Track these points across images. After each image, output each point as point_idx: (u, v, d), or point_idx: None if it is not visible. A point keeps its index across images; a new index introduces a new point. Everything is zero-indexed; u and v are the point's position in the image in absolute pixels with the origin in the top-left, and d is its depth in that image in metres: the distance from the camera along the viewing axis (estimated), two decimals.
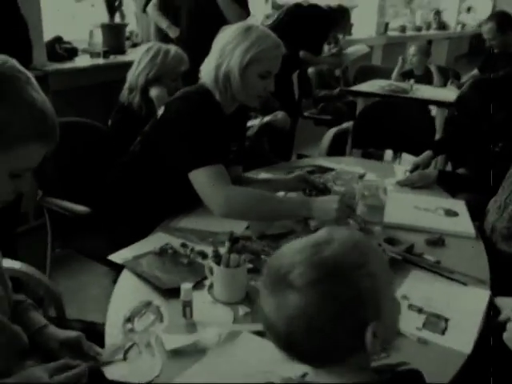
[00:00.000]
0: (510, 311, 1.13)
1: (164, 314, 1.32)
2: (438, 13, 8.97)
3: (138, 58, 2.40)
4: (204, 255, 1.59)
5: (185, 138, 1.72)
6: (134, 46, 3.70)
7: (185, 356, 1.17)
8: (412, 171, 2.41)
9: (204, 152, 1.70)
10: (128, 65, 2.87)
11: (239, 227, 1.78)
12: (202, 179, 1.70)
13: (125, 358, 1.16)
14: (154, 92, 2.34)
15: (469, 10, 10.51)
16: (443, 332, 1.30)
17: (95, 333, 1.28)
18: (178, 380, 1.10)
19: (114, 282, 2.56)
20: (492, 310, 1.32)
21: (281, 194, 2.00)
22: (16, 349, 1.09)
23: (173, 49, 2.41)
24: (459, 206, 2.07)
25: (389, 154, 4.20)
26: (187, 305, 1.27)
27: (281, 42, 1.75)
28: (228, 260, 1.35)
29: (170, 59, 2.38)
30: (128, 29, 3.62)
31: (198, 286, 1.43)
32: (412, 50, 4.40)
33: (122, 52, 3.43)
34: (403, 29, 7.78)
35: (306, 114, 4.28)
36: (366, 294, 0.75)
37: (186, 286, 1.27)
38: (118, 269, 2.61)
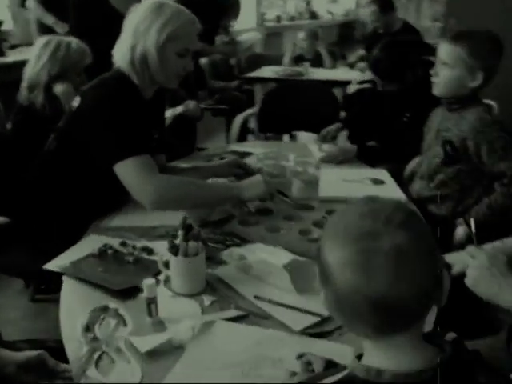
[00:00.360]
0: (461, 263, 1.18)
1: (125, 316, 1.21)
2: (308, 3, 9.30)
3: (36, 54, 2.18)
4: (149, 251, 1.50)
5: (106, 129, 1.60)
6: (14, 47, 3.40)
7: (162, 356, 1.08)
8: (322, 141, 2.48)
9: (128, 142, 1.59)
10: (9, 67, 2.63)
11: (175, 218, 1.69)
12: (128, 171, 1.58)
13: (96, 368, 1.04)
14: (59, 88, 2.15)
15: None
16: None
17: (49, 351, 1.15)
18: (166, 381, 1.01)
19: (33, 300, 2.37)
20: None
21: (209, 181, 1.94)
22: None
23: (74, 41, 2.22)
24: (383, 174, 2.14)
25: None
26: (152, 301, 1.17)
27: (196, 18, 1.68)
28: (186, 249, 1.27)
29: (72, 53, 2.20)
30: (3, 28, 3.32)
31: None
32: (301, 35, 4.51)
33: (1, 54, 3.14)
34: (279, 19, 7.98)
35: (202, 105, 4.21)
36: None
37: (148, 282, 1.17)
38: (39, 284, 2.40)
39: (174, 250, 1.28)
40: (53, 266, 1.43)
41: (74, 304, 1.29)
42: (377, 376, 0.71)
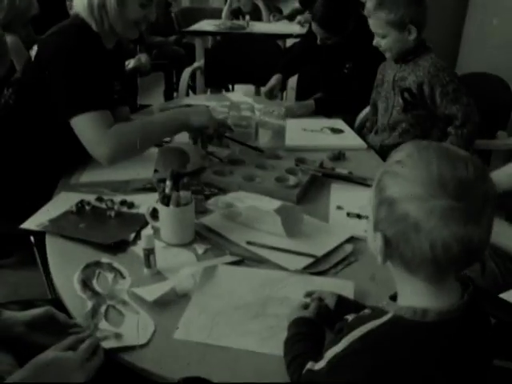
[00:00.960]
0: None
1: (121, 269, 1.20)
2: None
3: None
4: (129, 204, 1.47)
5: (64, 80, 1.52)
6: None
7: (168, 305, 1.08)
8: (268, 93, 2.50)
9: (85, 96, 1.53)
10: None
11: (147, 172, 1.67)
12: (83, 127, 1.53)
13: (106, 321, 1.03)
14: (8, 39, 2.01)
15: None
16: None
17: None
18: (180, 326, 1.02)
19: None
20: None
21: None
22: None
23: None
24: (339, 124, 2.19)
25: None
26: (150, 252, 1.16)
27: None
28: (178, 198, 1.26)
29: (18, 2, 2.05)
30: None
31: (139, 236, 1.32)
32: None
33: None
34: None
35: None
36: None
37: (147, 233, 1.16)
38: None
39: (166, 200, 1.27)
40: (30, 224, 1.38)
41: (63, 262, 1.25)
42: (423, 316, 0.73)
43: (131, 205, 1.47)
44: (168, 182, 1.30)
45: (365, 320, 0.78)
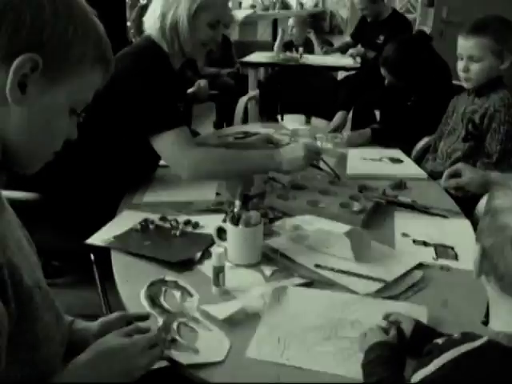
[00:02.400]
0: None
1: (187, 287, 1.19)
2: None
3: None
4: (194, 224, 1.47)
5: (142, 101, 1.58)
6: None
7: (239, 324, 1.06)
8: (333, 132, 2.49)
9: (165, 115, 1.59)
10: None
11: (210, 193, 1.68)
12: (165, 145, 1.60)
13: (179, 337, 1.02)
14: None
15: None
16: (456, 258, 1.35)
17: None
18: (251, 344, 1.00)
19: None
20: None
21: None
22: None
23: None
24: (398, 154, 2.17)
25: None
26: (220, 270, 1.15)
27: None
28: (248, 218, 1.25)
29: None
30: None
31: (205, 255, 1.31)
32: (291, 21, 4.51)
33: None
34: (253, 7, 7.96)
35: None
36: None
37: (218, 250, 1.15)
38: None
39: (235, 219, 1.26)
40: (96, 240, 1.39)
41: (129, 279, 1.25)
42: None
43: (196, 225, 1.47)
44: (237, 202, 1.30)
45: (457, 343, 0.75)
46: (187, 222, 1.48)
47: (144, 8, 2.35)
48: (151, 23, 1.64)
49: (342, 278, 1.22)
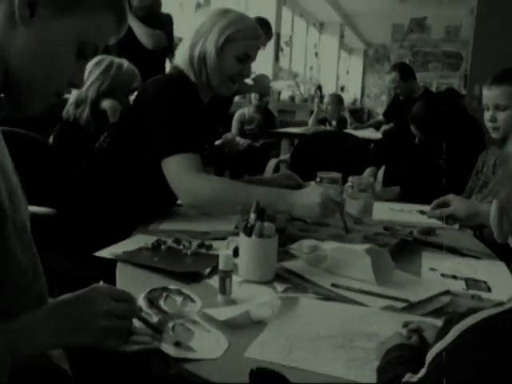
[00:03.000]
0: None
1: (191, 295, 1.10)
2: (319, 87, 9.64)
3: (87, 71, 2.20)
4: (207, 247, 1.40)
5: (158, 123, 1.57)
6: None
7: (242, 329, 0.96)
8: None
9: (177, 139, 1.55)
10: None
11: (229, 226, 1.61)
12: (170, 167, 1.55)
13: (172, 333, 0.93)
14: (107, 103, 2.15)
15: (342, 89, 11.43)
16: (489, 290, 1.23)
17: None
18: (253, 345, 0.89)
19: None
20: None
21: None
22: None
23: (125, 63, 2.25)
24: (427, 208, 2.08)
25: None
26: (227, 276, 1.07)
27: (258, 27, 1.69)
28: (261, 229, 1.18)
29: (123, 73, 2.21)
30: None
31: (215, 271, 1.23)
32: (327, 99, 4.63)
33: None
34: (292, 99, 8.25)
35: None
36: None
37: (226, 253, 1.07)
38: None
39: (248, 230, 1.19)
40: (105, 253, 1.33)
41: (131, 286, 1.16)
42: None
43: (209, 247, 1.40)
44: (252, 215, 1.23)
45: (479, 310, 0.64)
46: (201, 245, 1.41)
47: None
48: (181, 54, 1.67)
49: (360, 297, 1.11)
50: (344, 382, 0.81)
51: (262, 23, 3.92)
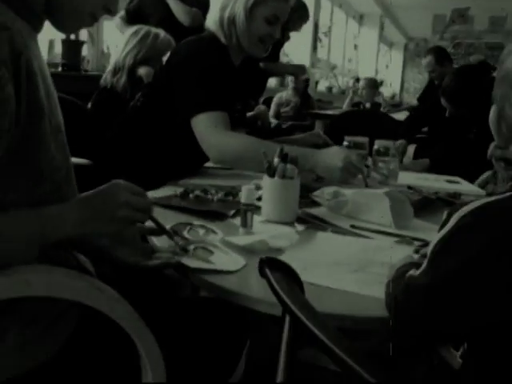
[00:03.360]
0: None
1: (213, 228, 1.15)
2: (357, 80, 9.59)
3: (125, 40, 2.29)
4: (233, 194, 1.44)
5: (190, 82, 1.62)
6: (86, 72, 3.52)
7: (259, 255, 1.00)
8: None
9: (206, 97, 1.60)
10: (87, 78, 2.74)
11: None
12: (199, 125, 1.60)
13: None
14: (143, 70, 2.22)
15: (381, 83, 11.32)
16: None
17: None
18: None
19: None
20: None
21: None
22: None
23: (162, 33, 2.32)
24: (455, 179, 2.08)
25: None
26: (249, 208, 1.11)
27: None
28: (284, 170, 1.22)
29: (159, 42, 2.29)
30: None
31: (239, 213, 1.27)
32: (362, 83, 4.62)
33: (78, 70, 3.28)
34: (330, 89, 8.23)
35: None
36: None
37: (248, 186, 1.12)
38: None
39: (271, 171, 1.23)
40: None
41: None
42: None
43: (236, 195, 1.44)
44: (276, 159, 1.27)
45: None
46: (228, 194, 1.45)
47: None
48: (212, 17, 1.72)
49: (378, 236, 1.14)
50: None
51: (299, 4, 3.95)
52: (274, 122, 4.25)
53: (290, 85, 4.47)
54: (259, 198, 1.27)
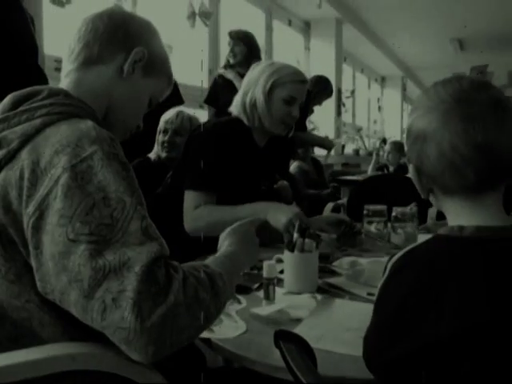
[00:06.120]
0: None
1: (240, 298, 1.25)
2: (384, 141, 9.72)
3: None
4: (258, 268, 1.54)
5: (197, 158, 1.75)
6: None
7: (278, 325, 1.09)
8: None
9: (202, 176, 1.73)
10: None
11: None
12: (186, 201, 1.74)
13: None
14: None
15: None
16: None
17: None
18: None
19: None
20: None
21: None
22: None
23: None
24: None
25: None
26: (271, 283, 1.21)
27: (302, 73, 1.88)
28: (303, 245, 1.32)
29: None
30: None
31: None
32: (388, 147, 4.74)
33: None
34: (357, 152, 8.38)
35: None
36: None
37: (269, 262, 1.22)
38: None
39: (291, 246, 1.33)
40: None
41: None
42: (459, 231, 0.76)
43: (260, 268, 1.53)
44: (295, 234, 1.37)
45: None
46: (253, 267, 1.55)
47: None
48: (235, 102, 1.89)
49: None
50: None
51: (320, 79, 4.18)
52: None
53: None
54: (282, 271, 1.37)
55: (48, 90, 0.96)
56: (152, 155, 2.48)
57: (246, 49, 3.37)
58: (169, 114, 2.45)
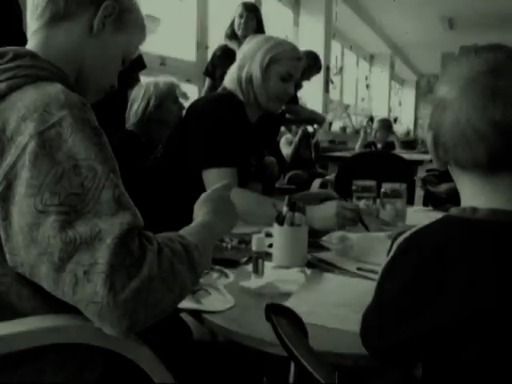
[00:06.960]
0: None
1: (227, 272, 1.23)
2: (371, 119, 9.70)
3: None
4: (246, 242, 1.53)
5: (204, 136, 1.72)
6: None
7: (268, 298, 1.08)
8: None
9: (220, 152, 1.70)
10: None
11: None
12: (208, 180, 1.69)
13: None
14: None
15: (395, 120, 11.45)
16: None
17: None
18: None
19: None
20: None
21: None
22: None
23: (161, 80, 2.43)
24: None
25: None
26: (260, 256, 1.19)
27: (299, 50, 1.84)
28: (292, 218, 1.30)
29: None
30: None
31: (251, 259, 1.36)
32: (376, 125, 4.72)
33: None
34: (344, 129, 8.36)
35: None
36: None
37: (258, 235, 1.20)
38: None
39: (280, 219, 1.31)
40: None
41: None
42: (471, 213, 0.73)
43: (248, 242, 1.52)
44: (284, 208, 1.35)
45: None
46: (241, 241, 1.54)
47: None
48: (228, 77, 1.84)
49: None
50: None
51: (309, 55, 4.13)
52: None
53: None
54: (270, 245, 1.35)
55: (13, 51, 0.90)
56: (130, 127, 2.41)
57: (256, 24, 3.37)
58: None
